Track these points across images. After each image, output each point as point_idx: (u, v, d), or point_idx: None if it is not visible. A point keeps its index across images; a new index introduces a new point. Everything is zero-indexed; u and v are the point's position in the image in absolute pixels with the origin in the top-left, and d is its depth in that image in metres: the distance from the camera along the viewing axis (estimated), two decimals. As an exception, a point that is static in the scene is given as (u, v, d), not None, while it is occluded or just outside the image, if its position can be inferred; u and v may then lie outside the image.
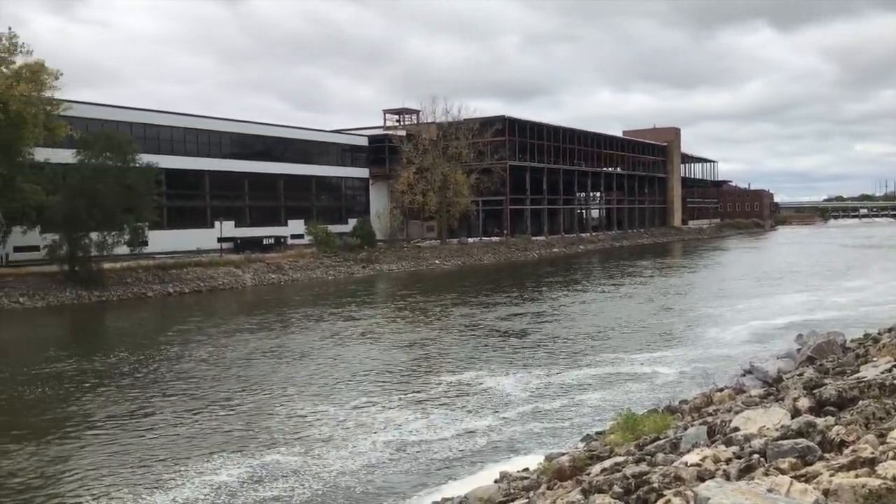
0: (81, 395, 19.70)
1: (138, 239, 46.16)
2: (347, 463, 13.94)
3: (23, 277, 41.69)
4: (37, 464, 14.30)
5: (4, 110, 38.49)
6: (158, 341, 27.81)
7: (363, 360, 23.61)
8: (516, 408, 17.37)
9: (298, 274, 53.95)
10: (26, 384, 21.09)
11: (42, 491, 13.02)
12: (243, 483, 13.03)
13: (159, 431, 16.21)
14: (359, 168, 77.14)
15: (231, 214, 61.59)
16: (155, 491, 12.75)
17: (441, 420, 16.52)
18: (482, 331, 28.93)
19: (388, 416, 16.84)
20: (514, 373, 21.00)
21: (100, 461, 14.36)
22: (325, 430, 15.94)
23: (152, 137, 56.22)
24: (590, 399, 18.00)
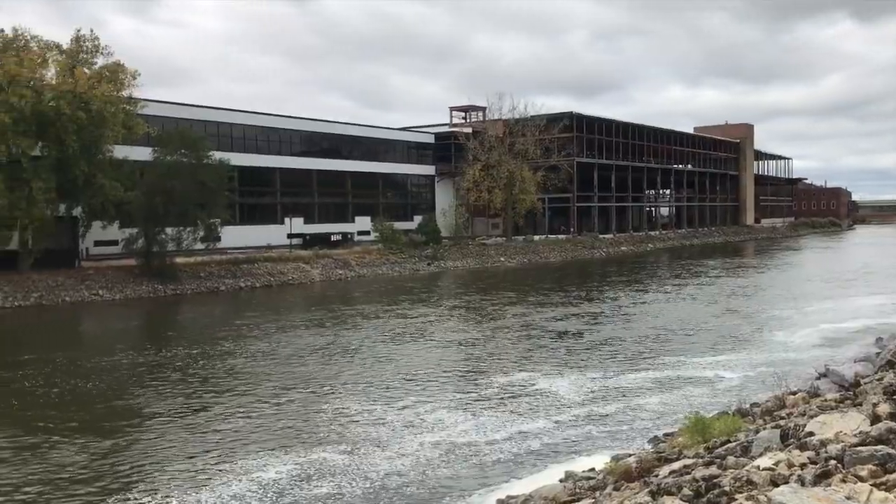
0: (139, 388, 20.04)
1: (212, 234, 47.44)
2: (396, 463, 13.74)
3: (102, 271, 43.32)
4: (87, 456, 14.43)
5: (86, 110, 39.95)
6: (222, 335, 28.28)
7: (415, 358, 23.41)
8: (571, 410, 16.97)
9: (365, 270, 54.56)
10: (88, 375, 21.66)
11: (90, 484, 13.08)
12: (291, 481, 12.94)
13: (210, 427, 16.26)
14: (425, 165, 77.53)
15: (300, 211, 62.65)
16: (202, 487, 12.74)
17: (492, 421, 16.22)
18: (537, 331, 28.47)
19: (437, 417, 16.53)
20: (568, 375, 20.52)
21: (149, 456, 14.46)
22: (372, 429, 15.76)
23: (225, 135, 57.62)
24: (648, 403, 17.49)
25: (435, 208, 75.14)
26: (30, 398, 19.23)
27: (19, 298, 38.25)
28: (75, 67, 40.58)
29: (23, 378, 21.35)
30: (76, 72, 40.10)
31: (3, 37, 40.44)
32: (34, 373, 22.03)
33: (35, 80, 39.70)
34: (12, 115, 37.68)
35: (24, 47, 40.51)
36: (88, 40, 42.42)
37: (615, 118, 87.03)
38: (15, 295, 38.36)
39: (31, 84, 39.18)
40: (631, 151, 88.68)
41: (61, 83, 39.79)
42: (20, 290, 38.84)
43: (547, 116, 73.83)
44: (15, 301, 37.98)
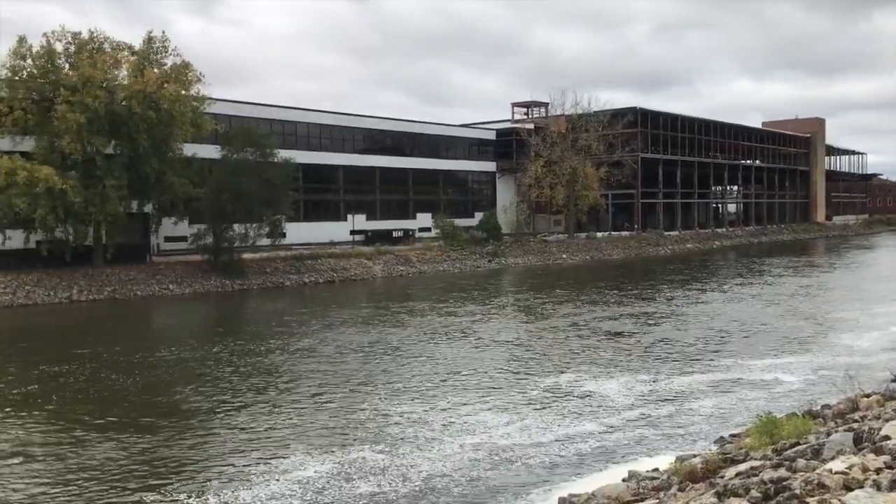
0: (187, 383, 20.20)
1: (277, 231, 48.35)
2: (439, 464, 13.51)
3: (172, 266, 44.55)
4: (128, 451, 14.54)
5: (156, 109, 41.07)
6: (278, 331, 28.51)
7: (461, 358, 23.01)
8: (621, 413, 16.51)
9: (426, 266, 54.81)
10: (142, 368, 22.11)
11: (129, 478, 13.15)
12: (331, 479, 12.83)
13: (251, 424, 16.26)
14: (486, 162, 77.44)
15: (363, 208, 63.30)
16: (240, 485, 12.71)
17: (537, 423, 15.84)
18: (589, 330, 27.86)
19: (480, 418, 16.22)
20: (617, 376, 19.94)
21: (188, 452, 14.48)
22: (414, 430, 15.46)
23: (289, 133, 58.56)
24: (702, 406, 16.92)
25: (496, 205, 74.98)
26: (82, 390, 19.65)
27: (94, 292, 39.63)
28: (145, 68, 41.74)
29: (78, 370, 21.89)
30: (146, 72, 41.26)
31: (80, 39, 41.86)
32: (93, 365, 22.61)
33: (108, 80, 40.98)
34: (87, 114, 38.99)
35: (98, 49, 41.87)
36: (158, 41, 43.60)
37: (680, 113, 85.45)
38: (90, 289, 39.76)
39: (104, 85, 40.46)
40: (697, 147, 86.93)
41: (133, 83, 40.99)
42: (95, 284, 40.24)
43: (610, 112, 72.93)
44: (90, 295, 39.37)
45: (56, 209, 38.06)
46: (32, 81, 40.22)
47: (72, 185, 38.06)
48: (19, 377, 21.30)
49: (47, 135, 39.92)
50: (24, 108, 39.66)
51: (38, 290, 38.52)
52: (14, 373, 21.91)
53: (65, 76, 40.50)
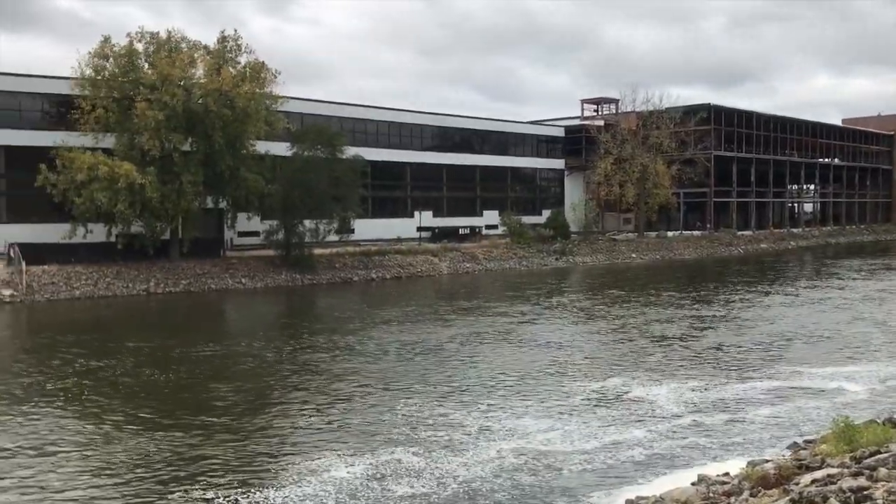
0: (233, 379, 20.42)
1: (346, 227, 48.98)
2: (474, 469, 13.26)
3: (245, 261, 45.62)
4: (160, 447, 14.57)
5: (231, 107, 42.05)
6: (338, 327, 28.72)
7: (508, 359, 22.53)
8: (670, 420, 15.99)
9: (492, 264, 54.73)
10: (192, 361, 22.57)
11: (158, 476, 13.14)
12: (364, 481, 12.74)
13: (286, 422, 16.24)
14: (554, 159, 76.82)
15: (429, 205, 63.56)
16: (272, 485, 12.65)
17: (579, 430, 15.44)
18: (644, 333, 27.13)
19: (519, 424, 15.84)
20: (666, 382, 19.25)
21: (222, 450, 14.44)
22: (449, 433, 15.19)
23: (359, 131, 59.17)
24: (757, 416, 16.25)
25: (564, 203, 74.33)
26: (128, 382, 20.05)
27: (170, 285, 40.87)
28: (221, 66, 42.77)
29: (132, 362, 22.55)
30: (222, 71, 42.27)
31: (158, 39, 43.15)
32: (147, 358, 23.26)
33: (185, 79, 42.14)
34: (165, 112, 40.19)
35: (175, 49, 43.09)
36: (232, 40, 44.58)
37: (755, 110, 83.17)
38: (166, 281, 41.02)
39: (181, 83, 41.62)
40: (773, 144, 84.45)
41: (209, 82, 42.04)
42: (171, 276, 41.49)
43: (683, 108, 71.48)
44: (166, 287, 40.62)
45: (134, 204, 39.35)
46: (114, 80, 41.61)
47: (150, 181, 39.28)
48: (81, 367, 21.89)
49: (127, 132, 41.27)
50: (105, 106, 41.11)
51: (118, 282, 39.93)
52: (76, 363, 22.54)
53: (144, 75, 41.80)
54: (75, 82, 41.30)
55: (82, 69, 41.41)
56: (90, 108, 40.97)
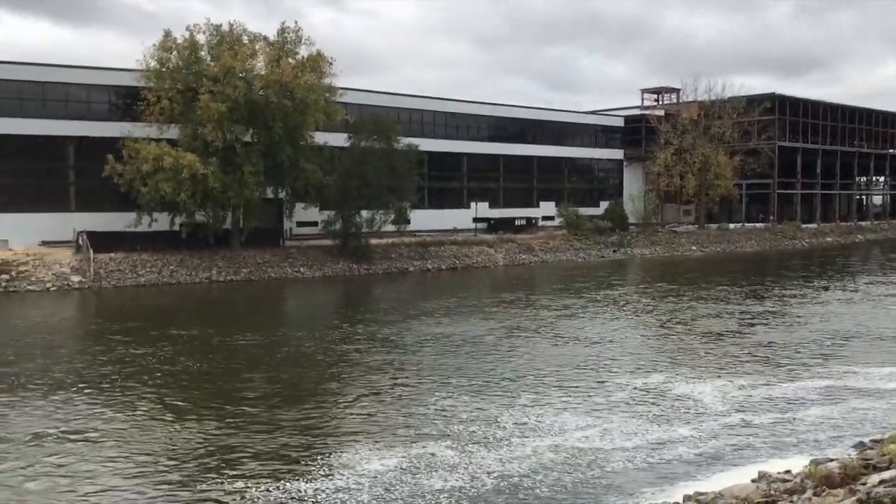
0: (274, 368, 20.55)
1: (402, 217, 49.24)
2: (510, 465, 12.99)
3: (304, 250, 46.31)
4: (193, 436, 14.58)
5: (291, 98, 42.63)
6: (385, 319, 28.68)
7: (551, 353, 22.05)
8: (716, 419, 15.51)
9: (548, 256, 54.43)
10: (239, 351, 22.79)
11: (190, 467, 13.14)
12: (397, 474, 12.57)
13: (320, 413, 16.16)
14: (613, 149, 75.85)
15: (486, 195, 63.42)
16: (305, 478, 12.52)
17: (619, 427, 15.04)
18: (692, 328, 26.41)
19: (556, 420, 15.47)
20: (712, 380, 18.69)
21: (255, 441, 14.42)
22: (482, 428, 14.94)
23: (415, 121, 59.37)
24: (808, 416, 15.68)
25: (622, 194, 73.38)
26: (170, 370, 20.21)
27: (231, 273, 41.74)
28: (281, 58, 43.35)
29: (176, 350, 22.89)
30: (282, 62, 42.84)
31: (221, 32, 43.94)
32: (194, 345, 23.68)
33: (247, 71, 42.84)
34: (228, 104, 40.95)
35: (237, 41, 43.82)
36: (292, 31, 45.15)
37: (822, 99, 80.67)
38: (227, 270, 41.91)
39: (243, 75, 42.33)
40: (840, 135, 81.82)
41: (269, 73, 42.66)
42: (232, 265, 42.37)
43: (746, 98, 69.77)
44: (227, 276, 41.51)
45: (197, 194, 40.25)
46: (178, 72, 42.52)
47: (212, 172, 40.11)
48: (127, 354, 22.39)
49: (191, 123, 42.17)
50: (170, 98, 42.05)
51: (181, 269, 40.94)
52: (124, 349, 23.08)
53: (207, 67, 42.62)
54: (141, 74, 42.33)
55: (147, 62, 42.44)
56: (155, 99, 41.96)
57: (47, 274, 37.86)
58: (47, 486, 12.30)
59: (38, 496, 11.97)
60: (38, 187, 44.70)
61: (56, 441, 14.43)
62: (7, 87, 43.85)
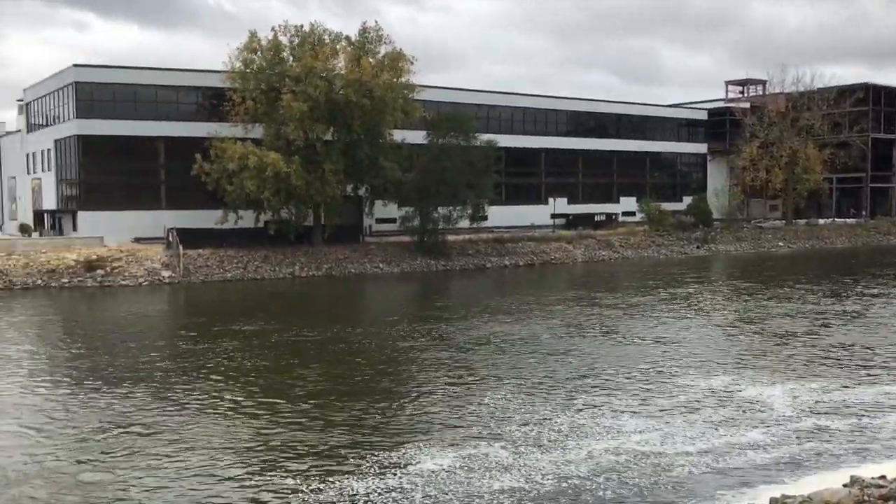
0: (332, 364, 20.54)
1: (479, 213, 49.33)
2: (567, 468, 12.64)
3: (382, 246, 46.95)
4: (242, 433, 14.58)
5: (370, 96, 43.20)
6: (452, 315, 28.56)
7: (612, 353, 21.32)
8: (787, 423, 14.81)
9: (629, 252, 53.62)
10: (302, 347, 22.97)
11: (238, 463, 13.12)
12: (451, 474, 12.35)
13: (371, 412, 16.03)
14: (696, 143, 74.07)
15: (564, 191, 62.89)
16: (356, 477, 12.36)
17: (682, 430, 14.52)
18: (762, 328, 25.33)
19: (614, 423, 15.01)
20: (783, 383, 17.79)
21: (304, 437, 14.33)
22: (537, 429, 14.58)
23: (493, 117, 59.31)
24: (889, 423, 14.83)
25: (706, 189, 71.61)
26: (230, 366, 20.33)
27: (312, 269, 42.66)
28: (361, 57, 43.96)
29: (238, 345, 23.26)
30: (362, 61, 43.45)
31: (302, 32, 44.86)
32: (258, 341, 23.84)
33: (328, 71, 43.62)
34: (309, 103, 41.80)
35: (318, 41, 44.66)
36: (372, 30, 45.76)
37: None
38: (309, 265, 42.85)
39: (324, 75, 43.12)
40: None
41: (349, 73, 43.34)
42: (313, 261, 43.30)
43: (837, 88, 67.14)
44: (309, 271, 42.44)
45: (280, 192, 41.26)
46: (261, 73, 43.67)
47: (295, 170, 41.04)
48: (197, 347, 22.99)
49: (274, 123, 43.26)
50: (254, 98, 43.20)
51: (265, 265, 42.06)
52: (191, 343, 23.74)
53: (289, 68, 43.62)
54: (226, 75, 43.63)
55: (232, 63, 43.71)
56: (240, 100, 43.18)
57: (139, 269, 39.46)
58: (99, 479, 12.44)
59: (90, 488, 12.12)
60: (131, 186, 46.69)
61: (111, 433, 14.70)
62: (101, 91, 45.88)
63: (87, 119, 45.25)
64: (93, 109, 45.55)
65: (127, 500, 11.64)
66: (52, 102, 49.75)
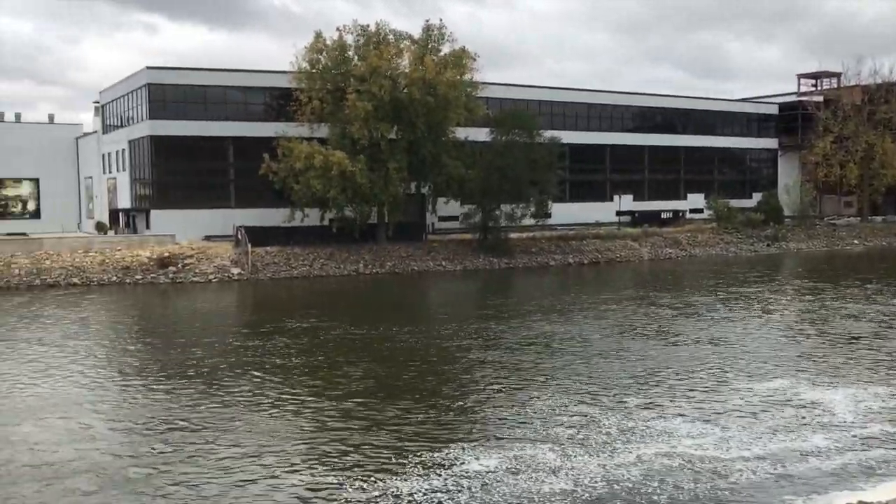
0: (376, 361, 20.63)
1: (543, 211, 49.01)
2: (619, 471, 12.43)
3: (445, 244, 47.10)
4: (284, 430, 14.77)
5: (433, 94, 43.32)
6: (507, 314, 28.37)
7: (665, 355, 20.82)
8: (849, 429, 14.30)
9: (696, 250, 52.62)
10: (352, 344, 23.13)
11: (282, 457, 13.26)
12: (498, 475, 12.25)
13: (417, 408, 16.04)
14: (766, 138, 72.08)
15: (629, 188, 61.96)
16: (400, 477, 12.30)
17: (739, 435, 14.12)
18: (825, 329, 24.47)
19: (666, 425, 14.69)
20: (845, 387, 17.29)
21: (348, 435, 14.36)
22: (584, 431, 14.42)
23: (557, 114, 58.78)
24: None
25: (777, 185, 69.65)
26: (274, 361, 20.69)
27: (376, 266, 43.09)
28: (424, 56, 44.12)
29: (287, 343, 23.56)
30: (426, 60, 43.60)
31: (367, 32, 45.26)
32: (307, 338, 24.19)
33: (392, 69, 43.91)
34: (374, 102, 42.17)
35: (382, 40, 44.98)
36: (436, 29, 45.85)
37: None
38: (373, 263, 43.29)
39: (388, 74, 43.42)
40: None
41: (413, 71, 43.56)
42: (377, 259, 43.73)
43: (918, 79, 64.47)
44: (373, 268, 42.87)
45: (346, 190, 41.76)
46: (327, 73, 44.21)
47: (360, 169, 41.46)
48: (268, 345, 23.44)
49: (339, 122, 43.76)
50: (320, 98, 43.79)
51: (330, 263, 42.67)
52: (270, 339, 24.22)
53: (354, 67, 44.04)
54: (293, 76, 44.31)
55: (299, 63, 44.37)
56: (307, 99, 43.81)
57: (209, 266, 40.48)
58: (145, 475, 12.66)
59: (136, 484, 12.30)
60: (202, 185, 47.86)
61: (158, 428, 15.03)
62: (173, 92, 47.13)
63: (160, 120, 46.57)
64: (165, 110, 46.84)
65: (169, 497, 11.81)
66: (126, 104, 51.36)
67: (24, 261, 39.43)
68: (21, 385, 18.72)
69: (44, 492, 12.04)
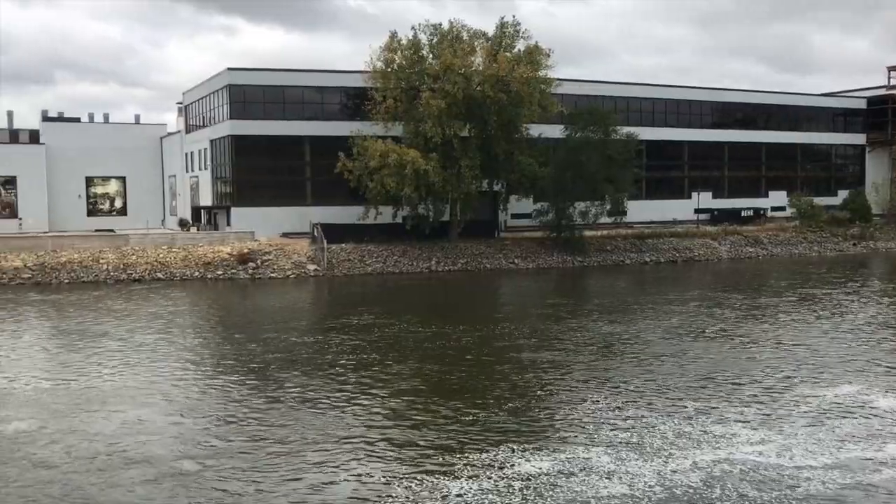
0: (431, 360, 20.52)
1: (618, 208, 48.28)
2: (676, 477, 12.01)
3: (517, 242, 46.92)
4: (328, 429, 14.62)
5: (506, 91, 43.19)
6: (570, 313, 28.04)
7: (731, 358, 20.18)
8: None
9: (778, 249, 51.08)
10: (412, 342, 23.05)
11: (328, 455, 13.22)
12: (550, 478, 11.98)
13: (467, 409, 15.82)
14: (853, 134, 69.25)
15: (708, 185, 60.46)
16: (448, 475, 12.18)
17: (805, 443, 13.46)
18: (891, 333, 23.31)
19: (725, 431, 14.17)
20: None
21: (395, 435, 14.24)
22: (642, 435, 13.99)
23: (633, 110, 57.79)
24: None
25: (864, 182, 66.90)
26: (329, 360, 20.79)
27: (448, 264, 43.27)
28: (497, 53, 44.02)
29: (351, 338, 23.60)
30: (498, 57, 43.50)
31: (441, 30, 45.43)
32: (365, 336, 24.23)
33: (465, 67, 43.95)
34: (447, 100, 42.32)
35: (456, 38, 45.08)
36: (510, 26, 45.69)
37: None
38: (445, 260, 43.49)
39: (462, 72, 43.48)
40: None
41: (486, 68, 43.50)
42: (450, 256, 43.90)
43: None
44: (445, 266, 43.08)
45: (419, 188, 42.03)
46: (402, 72, 44.55)
47: (433, 167, 41.68)
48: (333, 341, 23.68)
49: (413, 120, 44.06)
50: (395, 96, 44.17)
51: (403, 260, 43.06)
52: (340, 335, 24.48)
53: (428, 66, 44.28)
54: (368, 75, 44.83)
55: (374, 63, 44.83)
56: (381, 98, 44.25)
57: (287, 263, 41.37)
58: (197, 469, 12.81)
59: (188, 478, 12.40)
60: (280, 183, 48.94)
61: (212, 423, 15.28)
62: (253, 92, 48.32)
63: (240, 120, 47.80)
64: (245, 110, 48.05)
65: (218, 491, 11.91)
66: (207, 105, 52.92)
67: (112, 256, 41.06)
68: (83, 377, 19.31)
69: (97, 484, 12.21)
